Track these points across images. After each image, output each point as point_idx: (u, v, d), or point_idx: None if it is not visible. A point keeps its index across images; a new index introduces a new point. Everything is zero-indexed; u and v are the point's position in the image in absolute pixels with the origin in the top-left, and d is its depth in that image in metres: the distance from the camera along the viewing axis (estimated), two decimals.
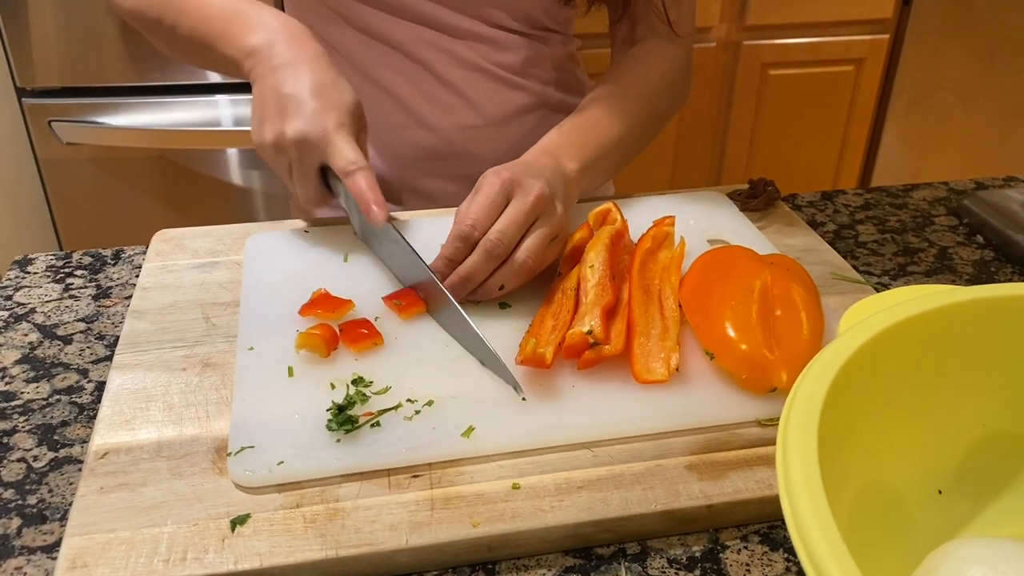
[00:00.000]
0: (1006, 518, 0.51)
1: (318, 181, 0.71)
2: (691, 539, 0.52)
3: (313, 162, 0.69)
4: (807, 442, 0.41)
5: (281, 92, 0.69)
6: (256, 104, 0.71)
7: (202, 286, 0.71)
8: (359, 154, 0.68)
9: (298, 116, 0.68)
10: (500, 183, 0.66)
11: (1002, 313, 0.51)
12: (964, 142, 2.16)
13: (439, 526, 0.50)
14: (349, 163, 0.67)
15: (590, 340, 0.59)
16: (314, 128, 0.67)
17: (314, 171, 0.70)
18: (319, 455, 0.53)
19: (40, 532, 0.52)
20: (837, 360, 0.46)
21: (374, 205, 0.67)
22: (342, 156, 0.68)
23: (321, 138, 0.67)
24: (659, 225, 0.72)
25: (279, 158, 0.70)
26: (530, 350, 0.57)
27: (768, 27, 1.96)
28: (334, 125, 0.68)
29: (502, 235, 0.64)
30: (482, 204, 0.65)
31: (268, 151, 0.70)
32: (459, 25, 0.84)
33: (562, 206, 0.68)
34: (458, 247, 0.65)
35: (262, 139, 0.70)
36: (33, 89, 1.71)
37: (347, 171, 0.67)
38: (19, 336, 0.68)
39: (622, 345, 0.60)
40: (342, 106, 0.69)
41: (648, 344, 0.61)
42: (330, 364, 0.61)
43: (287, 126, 0.68)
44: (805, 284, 0.64)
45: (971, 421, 0.52)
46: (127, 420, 0.57)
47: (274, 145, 0.69)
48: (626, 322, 0.62)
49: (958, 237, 0.84)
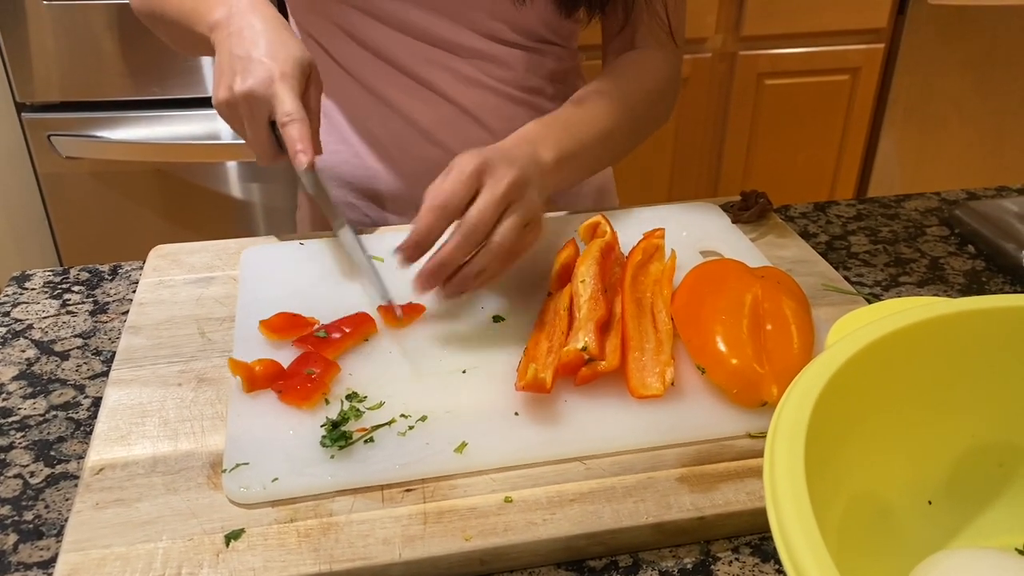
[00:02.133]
0: (996, 528, 0.52)
1: (269, 135, 0.73)
2: (683, 551, 0.52)
3: (262, 115, 0.71)
4: (794, 454, 0.42)
5: (234, 53, 0.72)
6: (215, 69, 0.74)
7: (198, 301, 0.71)
8: (298, 105, 0.70)
9: (246, 72, 0.70)
10: (474, 166, 0.65)
11: (990, 325, 0.52)
12: (960, 150, 2.17)
13: (432, 540, 0.50)
14: (284, 114, 0.69)
15: (585, 356, 0.59)
16: (260, 82, 0.70)
17: (264, 124, 0.72)
18: (313, 471, 0.54)
19: (36, 548, 0.52)
20: (824, 373, 0.46)
21: (300, 153, 0.69)
22: (281, 106, 0.70)
23: (266, 91, 0.70)
24: (649, 237, 0.72)
25: (233, 115, 0.73)
26: (530, 376, 0.57)
27: (763, 37, 1.97)
28: (278, 76, 0.70)
29: (480, 217, 0.63)
30: (455, 182, 0.64)
31: (223, 109, 0.73)
32: (462, 42, 0.85)
33: (536, 193, 0.68)
34: (433, 220, 0.63)
35: (217, 99, 0.73)
36: (33, 104, 1.72)
37: (283, 122, 0.70)
38: (16, 352, 0.69)
39: (618, 360, 0.60)
40: (289, 59, 0.71)
41: (643, 359, 0.61)
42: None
43: (236, 83, 0.70)
44: (796, 297, 0.64)
45: (960, 432, 0.53)
46: (123, 436, 0.58)
47: (227, 102, 0.72)
48: (620, 336, 0.62)
49: (950, 247, 0.85)
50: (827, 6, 1.94)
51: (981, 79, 2.09)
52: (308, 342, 0.63)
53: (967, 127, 2.14)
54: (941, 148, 2.16)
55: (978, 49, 2.05)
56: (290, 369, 0.61)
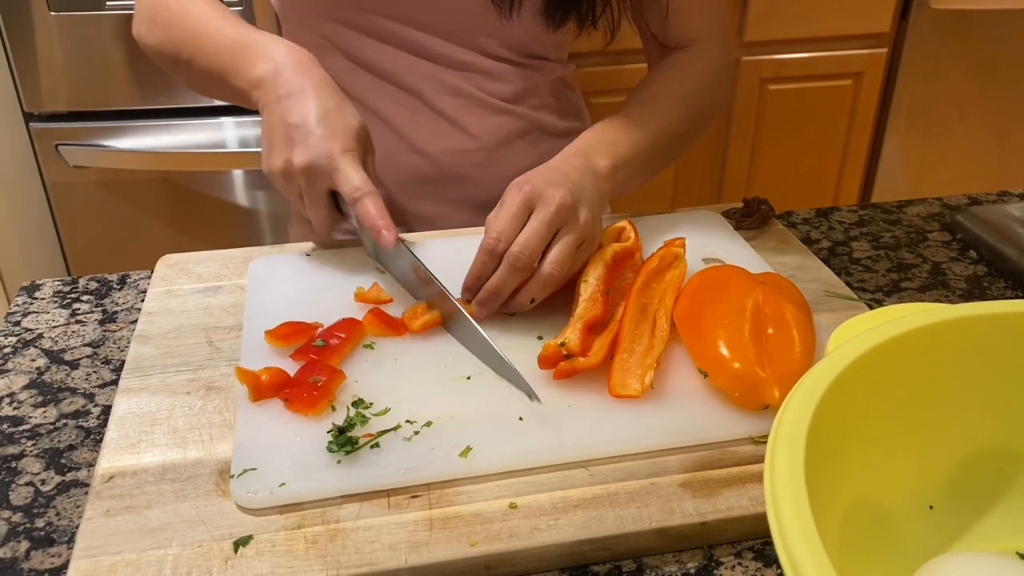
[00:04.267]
0: (997, 533, 0.52)
1: (328, 206, 0.73)
2: (686, 556, 0.53)
3: (322, 188, 0.71)
4: (794, 459, 0.42)
5: (287, 121, 0.70)
6: (265, 133, 0.72)
7: (206, 310, 0.72)
8: (365, 179, 0.69)
9: (304, 144, 0.69)
10: (522, 195, 0.67)
11: (989, 330, 0.52)
12: (964, 155, 2.17)
13: (437, 546, 0.51)
14: (354, 189, 0.69)
15: (563, 352, 0.61)
16: (320, 156, 0.69)
17: (323, 197, 0.72)
18: (320, 476, 0.54)
19: (48, 555, 0.53)
20: (825, 379, 0.46)
21: (384, 230, 0.68)
22: (348, 182, 0.69)
23: (328, 165, 0.69)
24: (669, 246, 0.72)
25: (289, 186, 0.72)
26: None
27: (766, 43, 1.98)
28: (340, 151, 0.69)
29: (524, 248, 0.66)
30: (505, 217, 0.67)
31: (279, 179, 0.72)
32: (452, 56, 0.86)
33: (587, 211, 0.69)
34: (485, 261, 0.67)
35: (271, 168, 0.72)
36: (40, 114, 1.74)
37: (354, 197, 0.69)
38: (27, 361, 0.70)
39: (600, 359, 0.62)
40: (347, 131, 0.71)
41: (629, 360, 0.62)
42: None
43: (294, 155, 0.69)
44: (797, 302, 0.65)
45: (962, 437, 0.53)
46: (132, 444, 0.58)
47: (283, 173, 0.71)
48: (612, 337, 0.63)
49: (951, 252, 0.85)
50: (830, 11, 1.95)
51: (984, 83, 2.09)
52: (307, 352, 0.64)
53: (971, 131, 2.14)
54: (945, 152, 2.17)
55: (981, 53, 2.06)
56: (296, 377, 0.61)
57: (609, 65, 1.85)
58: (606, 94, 1.80)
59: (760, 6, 1.92)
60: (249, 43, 0.75)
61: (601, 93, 1.79)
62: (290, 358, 0.64)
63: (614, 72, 1.86)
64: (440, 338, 0.67)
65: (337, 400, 0.60)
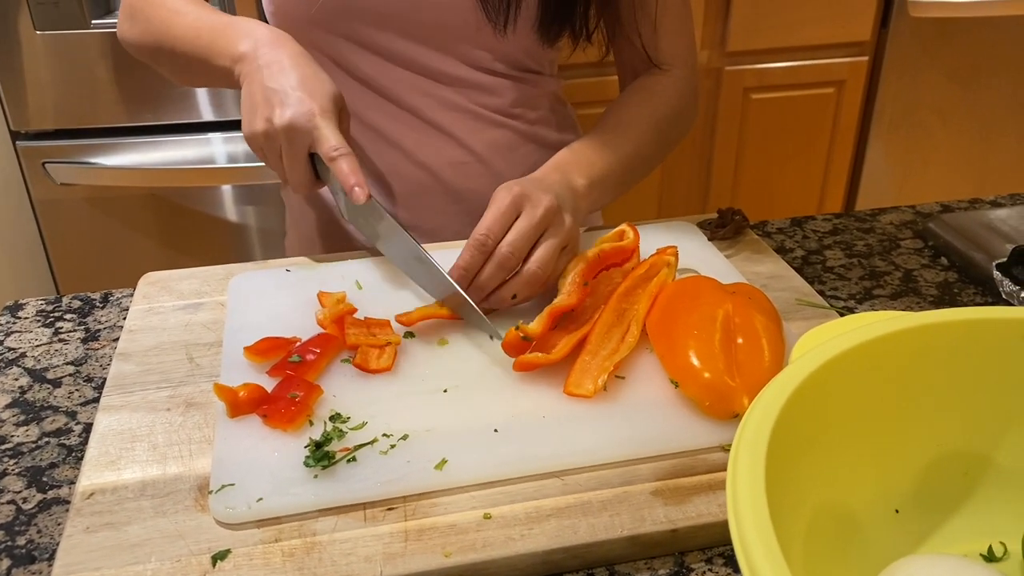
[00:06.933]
0: (962, 535, 0.53)
1: (307, 166, 0.75)
2: (657, 563, 0.54)
3: (302, 147, 0.73)
4: (755, 466, 0.43)
5: (267, 86, 0.73)
6: (245, 101, 0.75)
7: (187, 327, 0.73)
8: (342, 140, 0.72)
9: (285, 105, 0.72)
10: (511, 197, 0.71)
11: (954, 336, 0.53)
12: (946, 160, 2.19)
13: (413, 557, 0.52)
14: (332, 148, 0.72)
15: (520, 335, 0.63)
16: (301, 115, 0.72)
17: (303, 156, 0.74)
18: (297, 491, 0.55)
19: (29, 572, 0.54)
20: (787, 387, 0.47)
21: (356, 187, 0.71)
22: (327, 141, 0.72)
23: (308, 123, 0.72)
24: (661, 253, 0.74)
25: (270, 146, 0.74)
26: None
27: (749, 52, 2.00)
28: (319, 111, 0.72)
29: (513, 246, 0.69)
30: (494, 216, 0.70)
31: (259, 139, 0.74)
32: (446, 71, 0.88)
33: (571, 218, 0.73)
34: (472, 255, 0.70)
35: (253, 130, 0.74)
36: (27, 132, 1.74)
37: (331, 156, 0.72)
38: (10, 380, 0.70)
39: (562, 355, 0.63)
40: (325, 95, 0.74)
41: (591, 362, 0.64)
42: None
43: (275, 115, 0.72)
44: (766, 312, 0.66)
45: (927, 441, 0.54)
46: (113, 461, 0.59)
47: (264, 134, 0.73)
48: (581, 337, 0.64)
49: (923, 260, 0.87)
50: (811, 20, 1.97)
51: (965, 89, 2.11)
52: (284, 368, 0.65)
53: (953, 137, 2.17)
54: (928, 158, 2.19)
55: (961, 59, 2.08)
56: (274, 393, 0.62)
57: (595, 76, 1.87)
58: (592, 105, 1.81)
59: (742, 16, 1.94)
60: (228, 25, 0.79)
61: (587, 104, 1.81)
62: (267, 374, 0.65)
63: (600, 83, 1.88)
64: (418, 352, 0.68)
65: (315, 415, 0.61)
